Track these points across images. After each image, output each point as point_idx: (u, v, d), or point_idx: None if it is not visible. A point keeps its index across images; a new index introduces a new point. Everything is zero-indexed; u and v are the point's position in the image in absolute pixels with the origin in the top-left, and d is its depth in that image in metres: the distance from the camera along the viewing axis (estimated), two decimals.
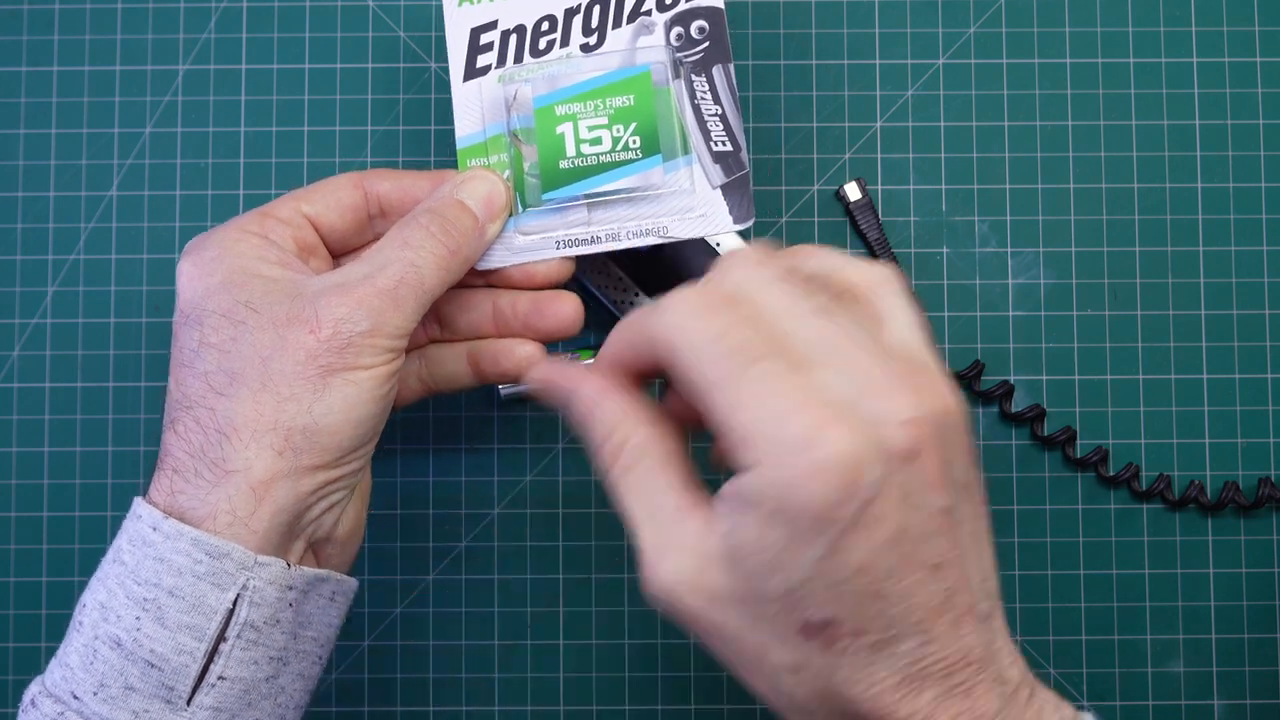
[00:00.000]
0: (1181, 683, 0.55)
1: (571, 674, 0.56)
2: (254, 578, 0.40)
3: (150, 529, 0.40)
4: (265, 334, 0.41)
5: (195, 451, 0.40)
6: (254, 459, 0.40)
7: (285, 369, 0.40)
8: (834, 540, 0.33)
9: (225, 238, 0.43)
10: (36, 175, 0.57)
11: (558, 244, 0.48)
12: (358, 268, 0.43)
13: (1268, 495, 0.55)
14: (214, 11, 0.57)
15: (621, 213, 0.48)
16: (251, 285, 0.42)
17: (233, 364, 0.41)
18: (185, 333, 0.42)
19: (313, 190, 0.46)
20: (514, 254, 0.48)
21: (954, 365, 0.56)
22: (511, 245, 0.48)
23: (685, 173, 0.48)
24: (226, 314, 0.41)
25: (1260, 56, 0.57)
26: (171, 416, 0.41)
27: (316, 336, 0.41)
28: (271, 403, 0.40)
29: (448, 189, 0.45)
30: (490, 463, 0.56)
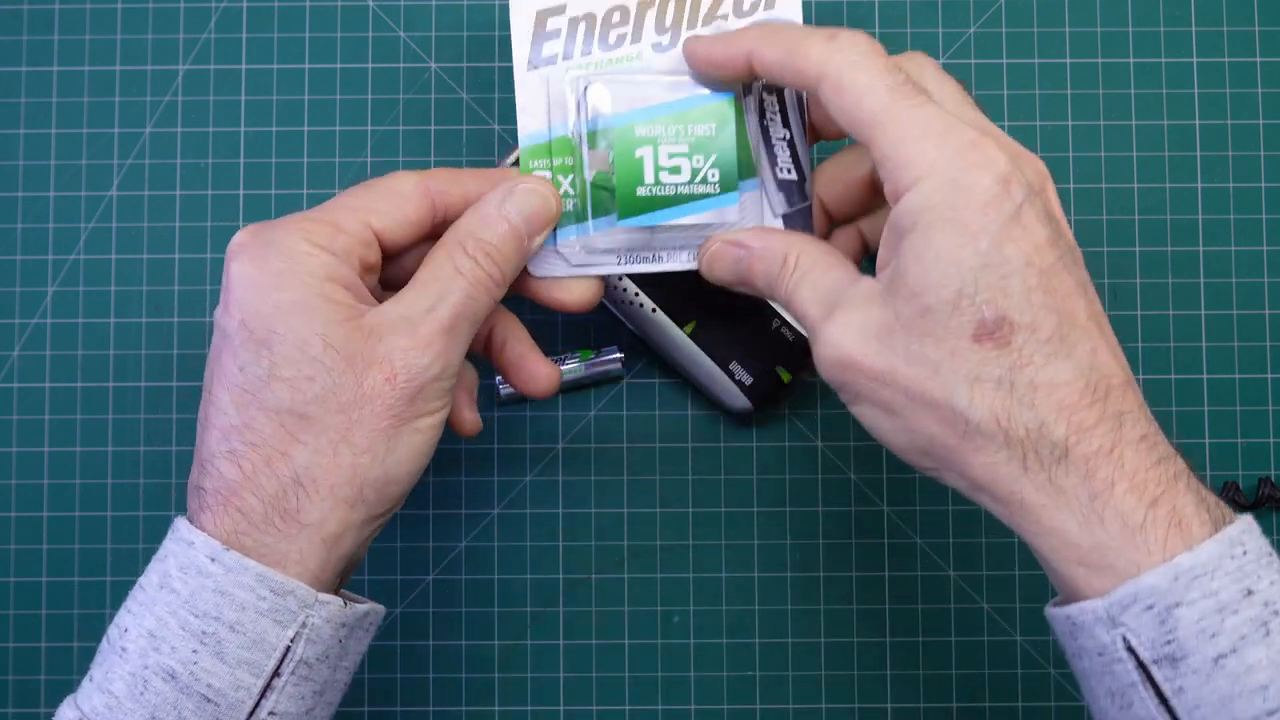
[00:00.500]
0: None
1: (571, 674, 0.56)
2: (313, 615, 0.39)
3: (207, 559, 0.39)
4: (343, 378, 0.40)
5: (266, 499, 0.40)
6: (329, 514, 0.40)
7: (364, 421, 0.40)
8: (998, 232, 0.36)
9: (294, 248, 0.41)
10: (36, 175, 0.57)
11: (619, 259, 0.47)
12: (417, 299, 0.42)
13: (1268, 495, 0.55)
14: (214, 11, 0.57)
15: (683, 238, 0.47)
16: (325, 314, 0.40)
17: (309, 407, 0.40)
18: (248, 351, 0.40)
19: (379, 198, 0.43)
20: (572, 267, 0.47)
21: None
22: (571, 258, 0.47)
23: (750, 197, 0.46)
24: (301, 346, 0.40)
25: (1260, 56, 0.57)
26: (230, 445, 0.40)
27: (393, 385, 0.40)
28: (349, 456, 0.40)
29: (498, 203, 0.44)
30: (490, 463, 0.56)
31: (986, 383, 0.36)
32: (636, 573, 0.56)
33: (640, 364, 0.56)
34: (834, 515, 0.56)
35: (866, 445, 0.56)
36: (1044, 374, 0.36)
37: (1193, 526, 0.35)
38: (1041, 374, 0.36)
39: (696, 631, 0.55)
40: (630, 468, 0.56)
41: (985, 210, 0.36)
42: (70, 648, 0.55)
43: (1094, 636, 0.36)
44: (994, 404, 0.36)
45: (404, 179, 0.44)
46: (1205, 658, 0.34)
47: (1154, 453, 0.36)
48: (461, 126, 0.57)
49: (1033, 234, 0.36)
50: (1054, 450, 0.36)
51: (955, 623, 0.55)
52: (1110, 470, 0.36)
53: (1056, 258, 0.37)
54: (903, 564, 0.56)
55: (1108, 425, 0.36)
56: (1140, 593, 0.35)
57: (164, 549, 0.40)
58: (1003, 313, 0.36)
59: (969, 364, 0.36)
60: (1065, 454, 0.36)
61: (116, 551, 0.56)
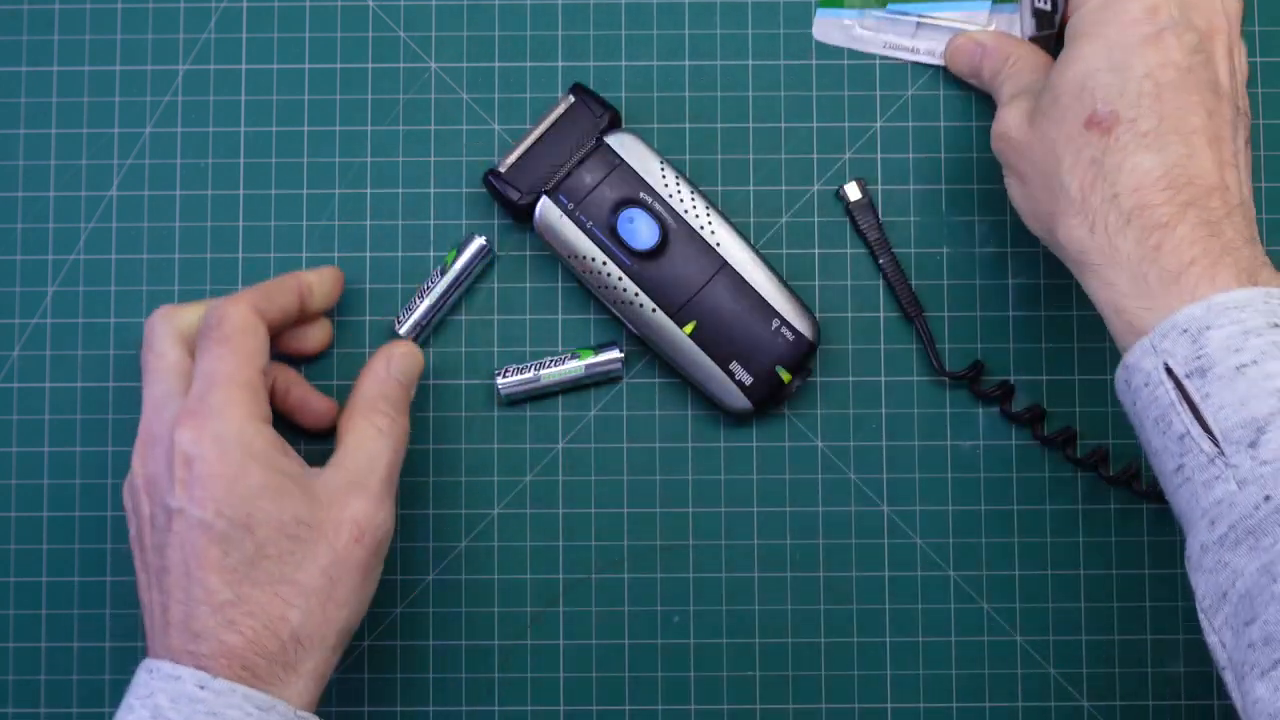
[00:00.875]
0: (1182, 683, 0.55)
1: (571, 674, 0.56)
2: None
3: (196, 688, 0.44)
4: (322, 549, 0.47)
5: (270, 656, 0.45)
6: (321, 660, 0.47)
7: (342, 578, 0.47)
8: (1133, 46, 0.45)
9: (243, 429, 0.47)
10: (36, 175, 0.57)
11: (884, 45, 0.56)
12: (356, 464, 0.49)
13: None
14: (214, 11, 0.57)
15: (943, 37, 0.55)
16: (291, 493, 0.47)
17: (299, 577, 0.46)
18: (232, 537, 0.46)
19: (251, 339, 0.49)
20: (852, 41, 0.56)
21: (954, 365, 0.56)
22: (852, 34, 0.56)
23: (1006, 18, 0.55)
24: (280, 528, 0.46)
25: (1260, 56, 0.57)
26: (228, 617, 0.45)
27: (361, 544, 0.48)
28: (334, 610, 0.47)
29: (385, 369, 0.52)
30: (490, 463, 0.56)
31: (1084, 160, 0.44)
32: (636, 573, 0.56)
33: (640, 364, 0.56)
34: (834, 515, 0.56)
35: (866, 445, 0.56)
36: (1131, 160, 0.43)
37: (1226, 279, 0.42)
38: (1129, 160, 0.43)
39: (696, 631, 0.55)
40: (630, 468, 0.56)
41: (1125, 28, 0.45)
42: (70, 648, 0.55)
43: (1141, 369, 0.43)
44: (1084, 177, 0.44)
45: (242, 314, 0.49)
46: (1229, 366, 0.41)
47: (1207, 229, 0.43)
48: (461, 126, 0.57)
49: (1165, 53, 0.44)
50: (1119, 218, 0.44)
51: (955, 623, 0.55)
52: (1160, 237, 0.43)
53: (1179, 76, 0.44)
54: (903, 564, 0.56)
55: (1173, 207, 0.43)
56: (1179, 321, 0.42)
57: (145, 687, 0.45)
58: (1113, 107, 0.44)
59: (1076, 144, 0.45)
60: (1128, 222, 0.43)
61: (116, 552, 0.56)
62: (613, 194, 0.53)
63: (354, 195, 0.57)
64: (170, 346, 0.50)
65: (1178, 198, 0.43)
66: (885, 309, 0.56)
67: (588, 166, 0.54)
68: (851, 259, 0.56)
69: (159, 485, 0.47)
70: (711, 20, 0.57)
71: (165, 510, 0.47)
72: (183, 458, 0.46)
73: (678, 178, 0.54)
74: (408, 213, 0.57)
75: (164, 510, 0.47)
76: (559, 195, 0.54)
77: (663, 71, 0.57)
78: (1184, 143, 0.44)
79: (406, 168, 0.57)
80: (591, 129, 0.54)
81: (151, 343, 0.50)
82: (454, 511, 0.56)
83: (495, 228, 0.57)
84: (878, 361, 0.56)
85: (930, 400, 0.56)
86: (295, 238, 0.56)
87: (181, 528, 0.46)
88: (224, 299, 0.50)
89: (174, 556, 0.46)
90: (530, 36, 0.57)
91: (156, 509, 0.47)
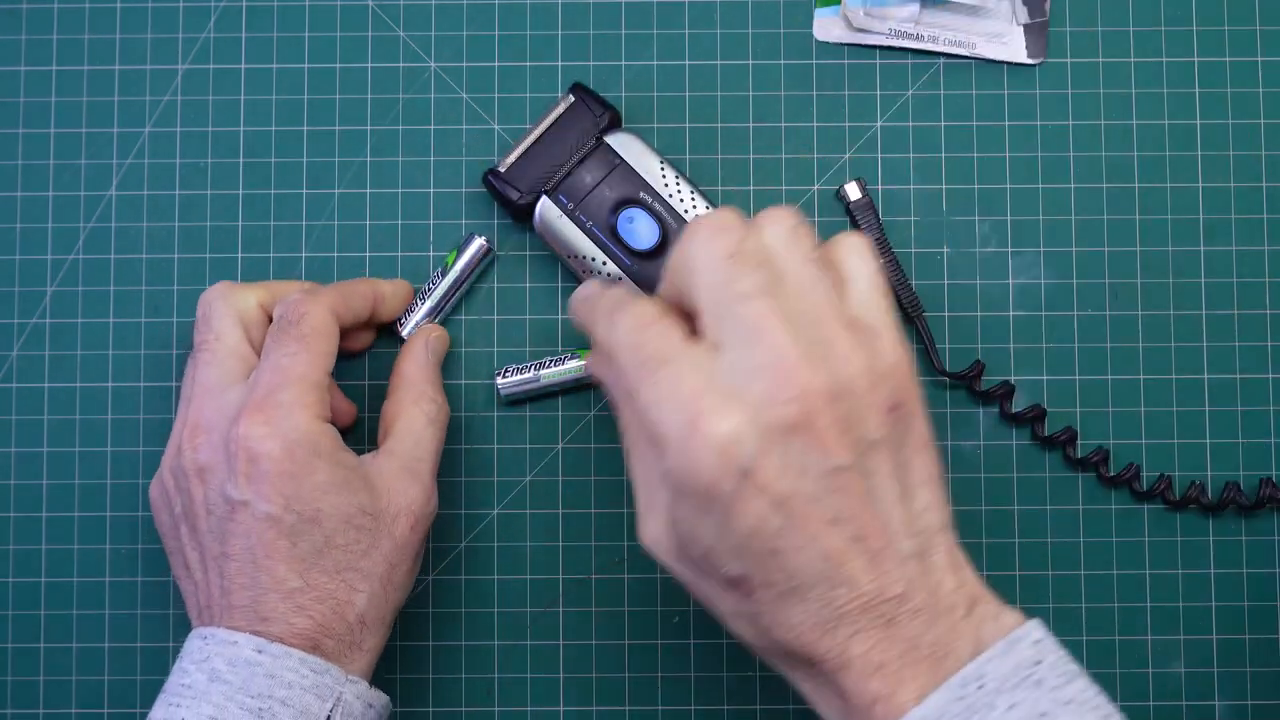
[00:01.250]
0: (1183, 683, 0.55)
1: (571, 674, 0.56)
2: (345, 692, 0.47)
3: (254, 651, 0.46)
4: (381, 535, 0.49)
5: (338, 638, 0.47)
6: (380, 638, 0.49)
7: (400, 564, 0.49)
8: (724, 510, 0.39)
9: (310, 428, 0.48)
10: (35, 175, 0.57)
11: (889, 31, 0.56)
12: (408, 448, 0.51)
13: (1269, 496, 0.55)
14: (213, 11, 0.57)
15: (946, 19, 0.55)
16: (354, 486, 0.48)
17: (361, 562, 0.48)
18: (301, 529, 0.47)
19: (325, 341, 0.50)
20: (854, 34, 0.56)
21: (954, 365, 0.56)
22: (854, 21, 0.56)
23: (1006, 6, 0.55)
24: (346, 520, 0.48)
25: (1261, 56, 0.57)
26: (298, 603, 0.47)
27: (415, 531, 0.50)
28: (393, 593, 0.49)
29: (424, 352, 0.54)
30: (490, 463, 0.56)
31: (741, 618, 0.41)
32: (636, 573, 0.56)
33: None
34: None
35: None
36: (779, 617, 0.40)
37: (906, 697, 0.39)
38: (778, 617, 0.40)
39: (696, 631, 0.55)
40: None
41: (707, 497, 0.39)
42: (70, 648, 0.55)
43: None
44: (748, 632, 0.41)
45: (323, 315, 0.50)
46: None
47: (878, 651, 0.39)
48: (461, 126, 0.57)
49: (761, 499, 0.39)
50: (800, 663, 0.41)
51: None
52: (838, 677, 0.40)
53: (786, 517, 0.39)
54: None
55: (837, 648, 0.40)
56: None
57: (200, 653, 0.46)
58: (742, 573, 0.40)
59: (727, 603, 0.41)
60: (811, 665, 0.40)
61: (115, 552, 0.56)
62: (613, 194, 0.53)
63: (354, 195, 0.57)
64: (229, 328, 0.51)
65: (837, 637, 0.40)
66: None
67: (588, 166, 0.54)
68: None
69: (216, 473, 0.48)
70: (711, 20, 0.57)
71: (226, 500, 0.47)
72: (248, 453, 0.47)
73: (678, 177, 0.54)
74: (407, 213, 0.57)
75: (224, 500, 0.47)
76: (559, 195, 0.53)
77: (663, 71, 0.57)
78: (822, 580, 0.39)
79: (406, 168, 0.57)
80: (591, 129, 0.54)
81: (210, 321, 0.51)
82: (454, 511, 0.56)
83: (495, 228, 0.57)
84: None
85: (930, 400, 0.56)
86: (295, 238, 0.56)
87: (247, 519, 0.47)
88: (304, 294, 0.51)
89: (238, 544, 0.47)
90: (530, 36, 0.57)
91: (214, 496, 0.48)
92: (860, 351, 0.40)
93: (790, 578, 0.39)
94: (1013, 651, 0.40)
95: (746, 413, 0.39)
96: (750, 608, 0.40)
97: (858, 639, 0.39)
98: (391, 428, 0.52)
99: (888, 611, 0.39)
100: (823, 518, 0.39)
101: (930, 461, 0.42)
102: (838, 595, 0.39)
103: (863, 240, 0.44)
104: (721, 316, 0.40)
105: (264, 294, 0.52)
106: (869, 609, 0.39)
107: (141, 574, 0.56)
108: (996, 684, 0.39)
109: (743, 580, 0.40)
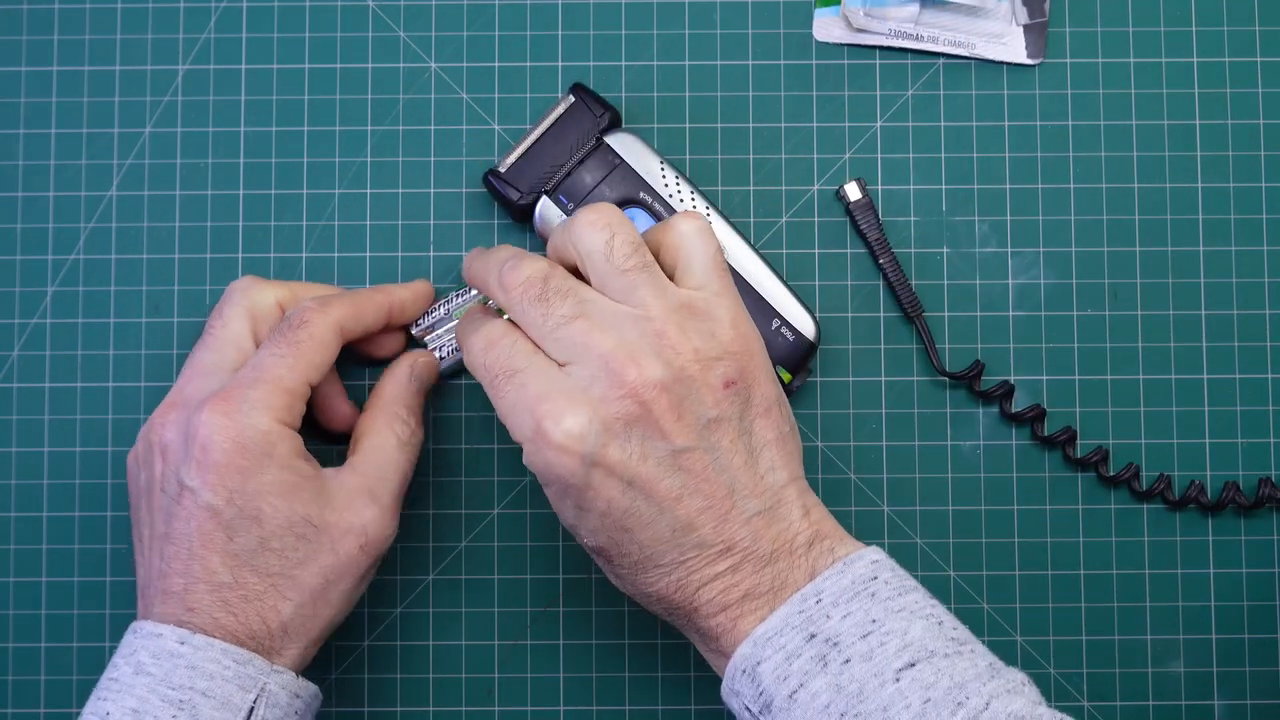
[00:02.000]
0: (1182, 683, 0.55)
1: (571, 674, 0.56)
2: (270, 683, 0.46)
3: (177, 643, 0.46)
4: (324, 551, 0.48)
5: (256, 639, 0.47)
6: (303, 651, 0.48)
7: (339, 582, 0.49)
8: (578, 496, 0.44)
9: (269, 430, 0.47)
10: (36, 175, 0.57)
11: (889, 32, 0.55)
12: (372, 468, 0.50)
13: (1268, 495, 0.55)
14: (214, 11, 0.57)
15: (945, 20, 0.55)
16: (304, 492, 0.48)
17: (296, 570, 0.48)
18: (240, 524, 0.47)
19: (314, 351, 0.49)
20: (851, 33, 0.56)
21: (954, 365, 0.56)
22: (854, 21, 0.55)
23: (1006, 6, 0.55)
24: (288, 524, 0.47)
25: (1260, 56, 0.57)
26: (222, 597, 0.47)
27: (365, 552, 0.49)
28: (325, 610, 0.48)
29: (408, 377, 0.53)
30: (490, 463, 0.56)
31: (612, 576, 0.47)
32: None
33: None
34: (834, 515, 0.56)
35: (866, 445, 0.56)
36: (639, 579, 0.45)
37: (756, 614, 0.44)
38: (638, 579, 0.45)
39: None
40: None
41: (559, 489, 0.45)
42: (70, 648, 0.55)
43: (731, 709, 0.45)
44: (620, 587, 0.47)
45: (325, 326, 0.50)
46: (783, 697, 0.42)
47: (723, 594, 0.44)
48: (461, 126, 0.57)
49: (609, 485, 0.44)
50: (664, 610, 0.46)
51: None
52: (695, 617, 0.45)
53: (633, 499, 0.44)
54: (903, 564, 0.55)
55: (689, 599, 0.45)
56: (737, 662, 0.44)
57: (129, 646, 0.46)
58: (598, 544, 0.46)
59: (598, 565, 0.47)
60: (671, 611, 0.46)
61: (116, 552, 0.56)
62: (613, 194, 0.53)
63: (354, 195, 0.57)
64: (236, 317, 0.51)
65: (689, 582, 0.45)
66: (885, 309, 0.56)
67: (588, 166, 0.54)
68: (851, 259, 0.56)
69: (174, 453, 0.48)
70: (711, 20, 0.57)
71: (177, 482, 0.47)
72: (202, 440, 0.47)
73: (678, 178, 0.54)
74: (408, 213, 0.57)
75: (176, 481, 0.48)
76: (559, 195, 0.54)
77: (663, 71, 0.57)
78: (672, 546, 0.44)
79: (406, 168, 0.57)
80: (591, 129, 0.54)
81: (222, 309, 0.52)
82: (454, 511, 0.56)
83: (495, 228, 0.57)
84: (878, 361, 0.56)
85: (930, 400, 0.56)
86: (295, 238, 0.56)
87: (190, 505, 0.47)
88: (317, 303, 0.50)
89: (180, 529, 0.47)
90: (530, 36, 0.57)
91: (169, 475, 0.48)
92: (689, 339, 0.44)
93: (643, 548, 0.44)
94: (849, 570, 0.44)
95: (587, 411, 0.43)
96: (613, 571, 0.46)
97: (706, 589, 0.44)
98: (359, 444, 0.51)
99: (734, 562, 0.44)
100: (668, 494, 0.44)
101: (772, 424, 0.46)
102: (688, 557, 0.44)
103: (695, 221, 0.47)
104: (550, 344, 0.45)
105: (285, 293, 0.52)
106: (715, 563, 0.44)
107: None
108: (832, 598, 0.43)
109: (601, 551, 0.45)
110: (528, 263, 0.46)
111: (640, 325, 0.44)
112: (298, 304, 0.51)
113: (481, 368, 0.46)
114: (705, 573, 0.44)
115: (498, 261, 0.47)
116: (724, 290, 0.46)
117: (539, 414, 0.44)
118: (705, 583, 0.44)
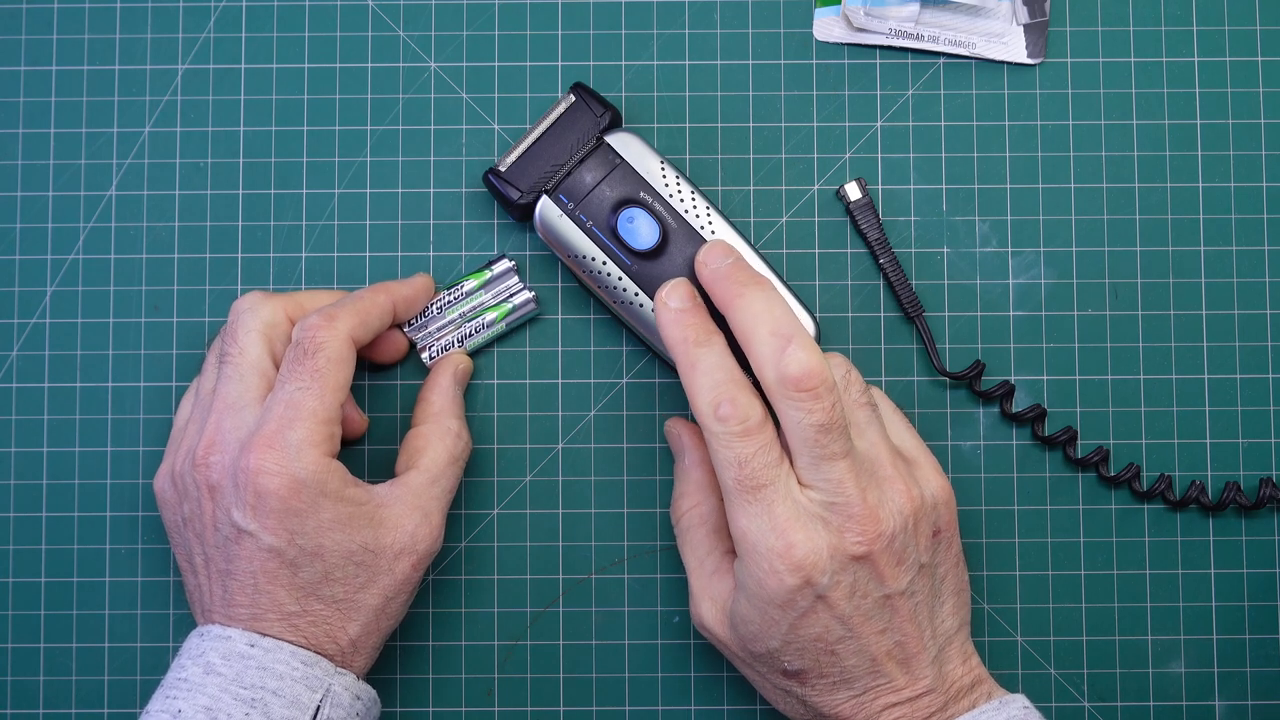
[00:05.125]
0: (1183, 683, 0.55)
1: (571, 674, 0.56)
2: (335, 684, 0.48)
3: (247, 645, 0.48)
4: (385, 576, 0.50)
5: (328, 655, 0.49)
6: (368, 660, 0.51)
7: (396, 598, 0.51)
8: (794, 620, 0.47)
9: (318, 468, 0.48)
10: (35, 175, 0.57)
11: (889, 31, 0.55)
12: (424, 485, 0.51)
13: (1269, 496, 0.55)
14: (213, 11, 0.57)
15: (945, 19, 0.55)
16: (359, 523, 0.49)
17: (358, 595, 0.50)
18: (303, 561, 0.48)
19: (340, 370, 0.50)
20: (851, 33, 0.56)
21: (954, 365, 0.56)
22: (854, 21, 0.56)
23: (1006, 6, 0.55)
24: (348, 556, 0.49)
25: (1261, 55, 0.57)
26: (293, 624, 0.49)
27: (417, 569, 0.51)
28: (386, 623, 0.51)
29: (450, 382, 0.54)
30: (490, 463, 0.56)
31: (793, 698, 0.50)
32: (636, 573, 0.56)
33: (641, 364, 0.56)
34: None
35: None
36: (826, 700, 0.49)
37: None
38: (825, 700, 0.49)
39: (696, 632, 0.55)
40: (630, 468, 0.56)
41: (783, 608, 0.47)
42: (69, 648, 0.55)
43: None
44: (793, 706, 0.50)
45: (339, 344, 0.50)
46: None
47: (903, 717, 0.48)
48: (461, 126, 0.57)
49: (829, 614, 0.47)
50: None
51: None
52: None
53: (846, 629, 0.47)
54: None
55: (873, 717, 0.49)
56: None
57: (196, 649, 0.48)
58: (800, 667, 0.48)
59: (781, 686, 0.50)
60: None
61: (115, 552, 0.56)
62: (613, 193, 0.53)
63: (354, 195, 0.57)
64: (253, 343, 0.51)
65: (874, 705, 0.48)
66: (885, 309, 0.56)
67: (588, 166, 0.54)
68: (851, 259, 0.56)
69: (224, 496, 0.49)
70: (711, 20, 0.57)
71: (233, 525, 0.48)
72: (255, 487, 0.48)
73: (678, 177, 0.54)
74: (407, 213, 0.57)
75: (231, 524, 0.48)
76: (559, 195, 0.53)
77: (663, 71, 0.57)
78: (868, 673, 0.48)
79: (406, 167, 0.57)
80: (591, 128, 0.54)
81: (235, 334, 0.51)
82: (454, 511, 0.56)
83: (495, 227, 0.57)
84: (878, 361, 0.56)
85: (931, 400, 0.56)
86: (295, 238, 0.56)
87: (251, 547, 0.48)
88: (324, 319, 0.50)
89: (242, 567, 0.48)
90: (530, 36, 0.57)
91: (222, 517, 0.49)
92: (909, 492, 0.48)
93: (842, 673, 0.48)
94: (1004, 709, 0.48)
95: (827, 546, 0.47)
96: (802, 692, 0.49)
97: (886, 713, 0.48)
98: (414, 461, 0.52)
99: (914, 694, 0.48)
100: (874, 629, 0.48)
101: (960, 574, 0.51)
102: (878, 684, 0.48)
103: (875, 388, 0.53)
104: (811, 470, 0.47)
105: (291, 306, 0.52)
106: (900, 692, 0.48)
107: (141, 574, 0.56)
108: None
109: (800, 673, 0.49)
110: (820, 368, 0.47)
111: (877, 469, 0.48)
112: (298, 323, 0.51)
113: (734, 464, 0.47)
114: (888, 699, 0.48)
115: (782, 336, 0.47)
116: (918, 438, 0.52)
117: (789, 537, 0.46)
118: (886, 708, 0.48)
